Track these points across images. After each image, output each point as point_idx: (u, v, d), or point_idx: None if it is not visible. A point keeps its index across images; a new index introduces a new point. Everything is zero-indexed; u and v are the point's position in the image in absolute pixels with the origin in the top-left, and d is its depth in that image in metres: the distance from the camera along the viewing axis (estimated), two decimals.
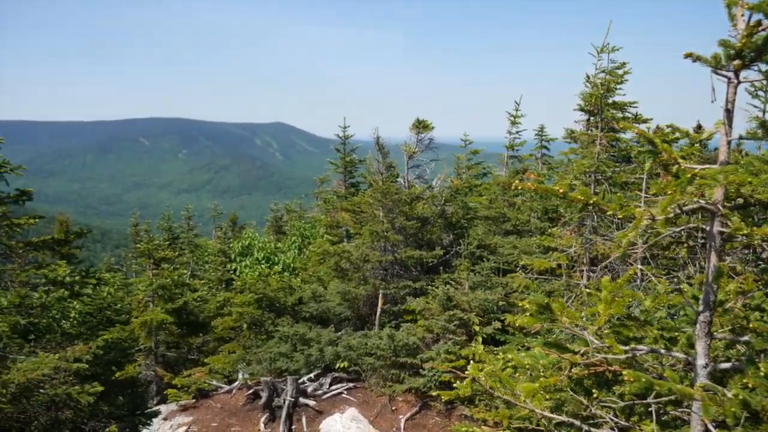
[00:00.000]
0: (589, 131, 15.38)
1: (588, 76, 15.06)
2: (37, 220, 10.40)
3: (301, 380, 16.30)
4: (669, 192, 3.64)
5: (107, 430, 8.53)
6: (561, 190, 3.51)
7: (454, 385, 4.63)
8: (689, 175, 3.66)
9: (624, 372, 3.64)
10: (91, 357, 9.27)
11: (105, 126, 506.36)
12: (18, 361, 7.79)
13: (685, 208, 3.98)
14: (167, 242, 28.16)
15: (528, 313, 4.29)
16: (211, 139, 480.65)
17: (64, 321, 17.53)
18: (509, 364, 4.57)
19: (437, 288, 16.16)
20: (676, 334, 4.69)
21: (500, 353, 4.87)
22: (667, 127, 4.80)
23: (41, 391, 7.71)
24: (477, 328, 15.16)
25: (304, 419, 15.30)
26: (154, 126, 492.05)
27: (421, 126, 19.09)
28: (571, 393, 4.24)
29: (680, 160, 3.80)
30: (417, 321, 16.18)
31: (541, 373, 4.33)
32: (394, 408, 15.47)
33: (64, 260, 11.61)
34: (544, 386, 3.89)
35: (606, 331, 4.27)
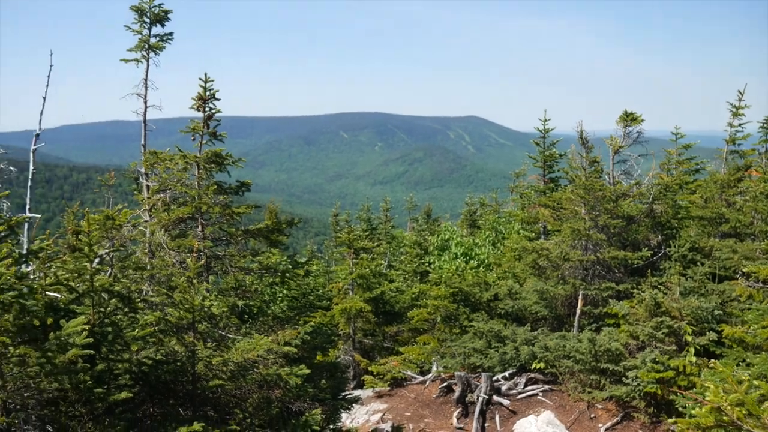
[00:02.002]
0: None
1: None
2: (253, 208, 11.09)
3: (495, 378, 16.04)
4: None
5: (312, 412, 8.84)
6: None
7: (693, 412, 4.14)
8: None
9: None
10: (300, 342, 9.71)
11: (309, 120, 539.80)
12: (236, 341, 8.30)
13: None
14: (366, 233, 29.14)
15: None
16: (406, 132, 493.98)
17: (272, 304, 18.77)
18: (759, 390, 3.98)
19: (644, 292, 15.07)
20: None
21: (742, 375, 4.27)
22: None
23: (255, 370, 8.15)
24: (689, 338, 13.93)
25: (497, 418, 15.03)
26: (353, 120, 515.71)
27: (629, 118, 17.90)
28: None
29: None
30: (620, 326, 15.23)
31: None
32: (592, 415, 14.70)
33: (274, 247, 12.32)
34: None
35: None
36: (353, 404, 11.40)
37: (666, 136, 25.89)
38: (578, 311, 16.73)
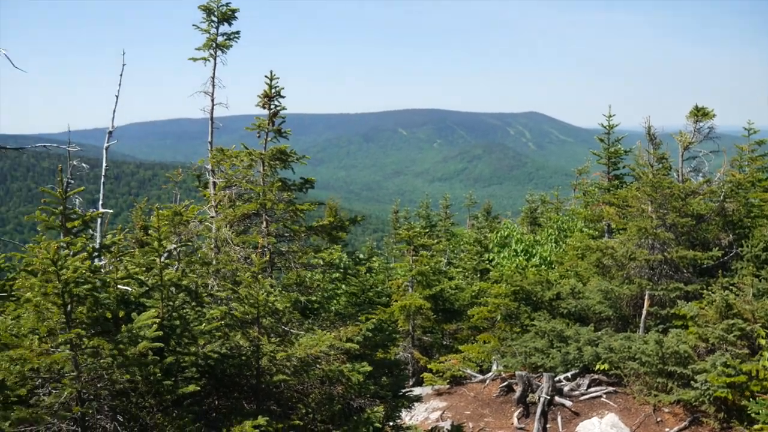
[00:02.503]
0: None
1: None
2: (316, 206, 11.16)
3: (557, 378, 15.76)
4: None
5: (374, 409, 8.85)
6: None
7: None
8: None
9: None
10: (361, 338, 9.73)
11: (368, 117, 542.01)
12: (299, 336, 8.36)
13: None
14: (425, 230, 29.04)
15: None
16: (465, 128, 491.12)
17: (333, 300, 18.90)
18: None
19: (714, 293, 14.55)
20: None
21: None
22: None
23: (318, 366, 8.19)
24: (763, 342, 13.38)
25: (559, 419, 14.77)
26: (412, 117, 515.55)
27: (700, 113, 17.30)
28: None
29: None
30: (688, 327, 14.75)
31: None
32: (659, 419, 14.28)
33: (334, 243, 12.39)
34: None
35: None
36: (415, 402, 11.37)
37: (738, 132, 24.92)
38: (644, 312, 16.28)
